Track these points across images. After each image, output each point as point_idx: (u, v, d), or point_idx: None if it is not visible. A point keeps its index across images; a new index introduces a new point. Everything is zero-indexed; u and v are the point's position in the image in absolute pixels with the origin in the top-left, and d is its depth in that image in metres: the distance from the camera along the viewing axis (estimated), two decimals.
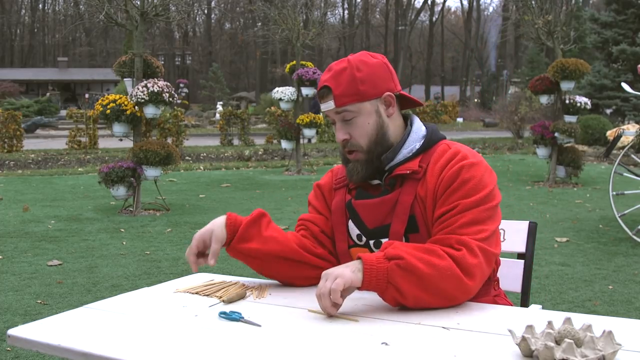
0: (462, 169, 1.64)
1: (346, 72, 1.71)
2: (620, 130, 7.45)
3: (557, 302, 4.10)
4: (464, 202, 1.60)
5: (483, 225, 1.59)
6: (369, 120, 1.72)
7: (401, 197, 1.70)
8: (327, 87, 1.72)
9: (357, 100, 1.70)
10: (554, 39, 10.40)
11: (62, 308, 3.88)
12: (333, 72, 1.72)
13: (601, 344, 1.21)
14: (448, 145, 1.73)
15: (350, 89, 1.70)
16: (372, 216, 1.74)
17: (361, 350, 1.28)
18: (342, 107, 1.71)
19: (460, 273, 1.52)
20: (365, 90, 1.71)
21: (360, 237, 1.77)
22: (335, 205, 1.84)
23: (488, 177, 1.65)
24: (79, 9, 49.11)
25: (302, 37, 12.10)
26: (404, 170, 1.71)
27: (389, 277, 1.50)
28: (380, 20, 62.09)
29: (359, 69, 1.71)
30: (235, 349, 1.31)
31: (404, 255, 1.51)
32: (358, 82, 1.70)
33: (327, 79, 1.72)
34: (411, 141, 1.75)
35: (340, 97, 1.70)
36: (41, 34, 63.44)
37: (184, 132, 18.25)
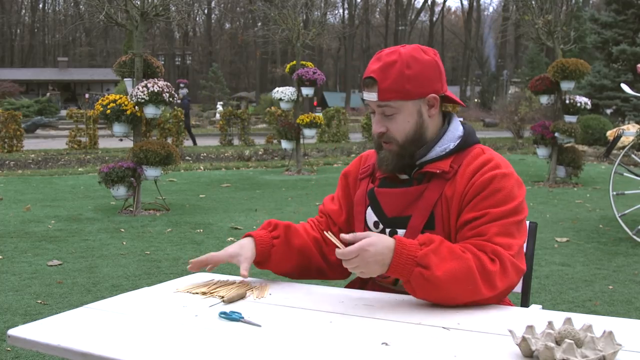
0: (494, 178, 1.64)
1: (395, 66, 1.67)
2: (620, 131, 7.45)
3: (557, 302, 4.10)
4: (493, 211, 1.61)
5: (512, 238, 1.61)
6: (409, 119, 1.70)
7: (426, 193, 1.70)
8: (372, 78, 1.69)
9: (401, 97, 1.68)
10: (554, 39, 10.40)
11: (62, 308, 3.88)
12: (382, 64, 1.68)
13: (601, 344, 1.21)
14: (482, 150, 1.72)
15: (397, 85, 1.67)
16: (392, 205, 1.74)
17: (361, 350, 1.28)
18: (385, 101, 1.69)
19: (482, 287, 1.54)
20: (411, 89, 1.68)
21: (377, 224, 1.78)
22: (358, 196, 1.86)
23: (517, 190, 1.66)
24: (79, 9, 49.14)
25: (302, 37, 12.10)
26: (435, 168, 1.70)
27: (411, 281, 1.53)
28: (380, 20, 62.10)
29: (409, 66, 1.67)
30: (235, 349, 1.31)
31: (431, 266, 1.50)
32: (405, 79, 1.66)
33: (375, 70, 1.68)
34: (446, 140, 1.74)
35: (384, 91, 1.67)
36: (41, 34, 63.45)
37: (184, 132, 18.24)
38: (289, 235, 1.83)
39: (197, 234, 6.32)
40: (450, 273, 1.50)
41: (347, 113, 23.73)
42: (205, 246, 5.77)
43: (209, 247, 5.71)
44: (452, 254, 1.53)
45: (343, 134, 21.06)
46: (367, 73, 1.70)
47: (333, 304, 1.61)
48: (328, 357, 1.26)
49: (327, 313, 1.53)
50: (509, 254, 1.57)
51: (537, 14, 10.51)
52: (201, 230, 6.49)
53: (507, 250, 1.57)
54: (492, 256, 1.55)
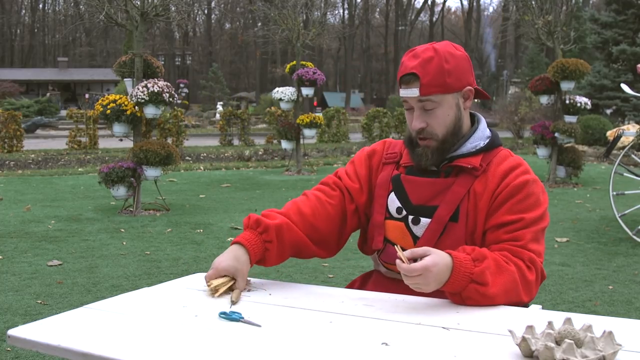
0: (527, 183, 1.70)
1: (434, 61, 1.70)
2: (620, 131, 7.44)
3: (557, 302, 4.10)
4: (527, 216, 1.67)
5: (540, 245, 1.69)
6: (449, 112, 1.74)
7: (455, 186, 1.73)
8: (414, 74, 1.71)
9: (442, 91, 1.71)
10: (554, 39, 10.40)
11: (62, 308, 3.88)
12: (421, 60, 1.71)
13: (601, 344, 1.21)
14: (509, 153, 1.79)
15: (438, 79, 1.70)
16: (419, 193, 1.77)
17: (361, 350, 1.28)
18: (427, 96, 1.71)
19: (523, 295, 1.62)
20: (451, 82, 1.72)
21: (400, 210, 1.79)
22: (381, 179, 1.86)
23: (543, 196, 1.73)
24: (79, 9, 49.15)
25: (302, 37, 12.09)
26: (466, 163, 1.74)
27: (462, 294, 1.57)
28: (380, 20, 62.09)
29: (447, 61, 1.71)
30: (235, 349, 1.31)
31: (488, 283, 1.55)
32: (445, 73, 1.71)
33: (415, 66, 1.71)
34: (477, 138, 1.79)
35: (426, 86, 1.70)
36: (41, 34, 63.45)
37: (184, 132, 18.24)
38: (281, 235, 1.77)
39: (197, 234, 6.32)
40: (502, 287, 1.57)
41: (347, 113, 23.72)
42: (205, 246, 5.77)
43: (208, 247, 5.72)
44: (499, 267, 1.59)
45: (343, 134, 21.06)
46: (406, 70, 1.72)
47: (333, 304, 1.61)
48: (328, 357, 1.26)
49: (327, 313, 1.53)
50: (540, 263, 1.66)
51: (537, 14, 10.51)
52: (201, 230, 6.49)
53: (539, 257, 1.66)
54: (529, 264, 1.63)
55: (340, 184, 1.90)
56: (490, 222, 1.70)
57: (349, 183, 1.89)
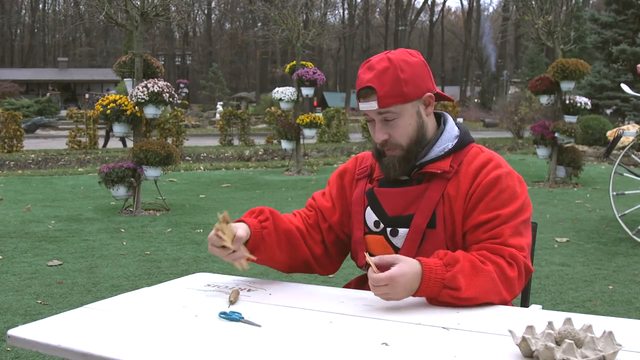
0: (499, 178, 1.68)
1: (389, 72, 1.68)
2: (620, 131, 7.44)
3: (557, 302, 4.10)
4: (503, 212, 1.65)
5: (522, 237, 1.66)
6: (410, 121, 1.72)
7: (428, 192, 1.72)
8: (370, 87, 1.69)
9: (400, 101, 1.69)
10: (554, 39, 10.40)
11: (62, 308, 3.88)
12: (376, 72, 1.69)
13: (601, 344, 1.21)
14: (480, 149, 1.76)
15: (394, 90, 1.68)
16: (393, 204, 1.76)
17: (361, 350, 1.28)
18: (385, 108, 1.69)
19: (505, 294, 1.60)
20: (408, 91, 1.70)
21: (377, 223, 1.78)
22: (356, 195, 1.85)
23: (520, 187, 1.71)
24: (79, 9, 49.14)
25: (302, 37, 12.09)
26: (435, 169, 1.73)
27: (438, 299, 1.55)
28: (380, 20, 62.11)
29: (402, 70, 1.69)
30: (235, 349, 1.31)
31: (461, 287, 1.53)
32: (402, 83, 1.69)
33: (371, 79, 1.69)
34: (444, 140, 1.77)
35: (384, 98, 1.68)
36: (41, 34, 63.46)
37: (184, 132, 18.24)
38: (275, 220, 1.81)
39: (197, 234, 6.32)
40: (478, 288, 1.55)
41: (347, 113, 23.72)
42: (205, 246, 5.75)
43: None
44: (475, 268, 1.56)
45: (343, 134, 21.06)
46: (363, 83, 1.70)
47: (333, 304, 1.61)
48: (328, 357, 1.26)
49: (327, 313, 1.53)
50: (523, 257, 1.63)
51: (537, 14, 10.51)
52: (201, 230, 6.49)
53: (521, 252, 1.63)
54: (510, 260, 1.60)
55: (315, 205, 1.94)
56: (468, 224, 1.68)
57: (322, 203, 1.92)
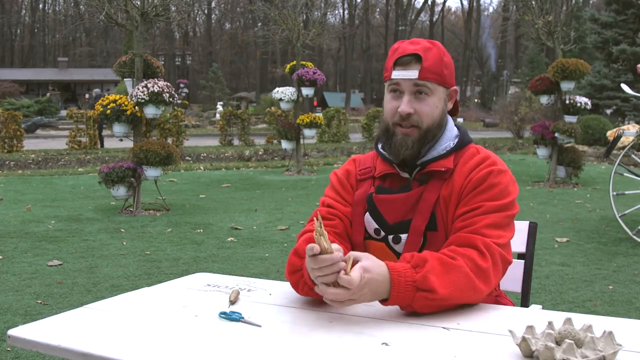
0: (490, 174, 1.66)
1: (433, 50, 1.70)
2: (620, 131, 7.45)
3: (558, 302, 4.10)
4: (488, 204, 1.62)
5: (502, 230, 1.61)
6: (438, 104, 1.71)
7: (425, 194, 1.69)
8: (417, 55, 1.68)
9: (438, 80, 1.70)
10: (554, 39, 10.40)
11: (62, 308, 3.88)
12: (422, 46, 1.70)
13: (601, 344, 1.21)
14: (477, 150, 1.74)
15: (437, 67, 1.69)
16: (393, 211, 1.72)
17: (361, 350, 1.28)
18: (424, 80, 1.68)
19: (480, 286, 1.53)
20: (447, 75, 1.71)
21: (378, 231, 1.74)
22: (358, 197, 1.80)
23: (512, 187, 1.68)
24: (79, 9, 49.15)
25: (302, 37, 12.09)
26: (440, 167, 1.70)
27: (413, 305, 1.48)
28: (380, 20, 62.10)
29: (445, 55, 1.72)
30: (235, 349, 1.31)
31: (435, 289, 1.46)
32: (444, 65, 1.70)
33: (418, 49, 1.69)
34: (446, 138, 1.75)
35: (426, 70, 1.67)
36: (41, 34, 63.45)
37: (184, 132, 18.24)
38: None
39: (197, 234, 6.32)
40: (453, 286, 1.49)
41: (347, 113, 23.73)
42: (205, 246, 5.77)
43: (208, 247, 5.72)
44: (445, 266, 1.50)
45: (343, 134, 21.06)
46: (408, 51, 1.68)
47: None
48: (328, 357, 1.26)
49: (327, 313, 1.53)
50: (497, 247, 1.57)
51: (537, 14, 10.51)
52: (201, 230, 6.49)
53: (497, 240, 1.58)
54: (482, 249, 1.55)
55: (336, 212, 1.80)
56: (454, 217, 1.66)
57: (343, 209, 1.81)
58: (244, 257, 5.37)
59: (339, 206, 1.81)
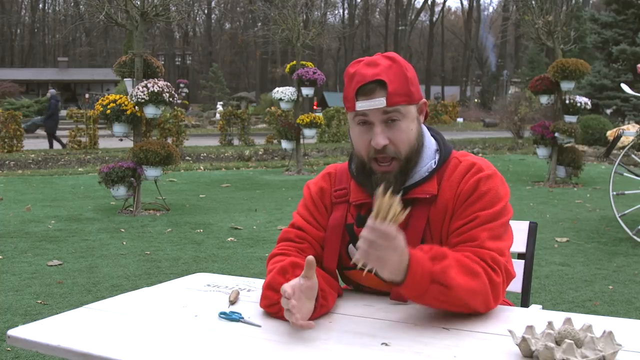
0: (479, 181, 1.55)
1: (394, 69, 1.54)
2: (620, 131, 7.45)
3: (557, 302, 4.10)
4: (483, 214, 1.52)
5: (501, 241, 1.53)
6: (412, 125, 1.57)
7: (413, 221, 1.56)
8: (379, 81, 1.51)
9: (407, 101, 1.54)
10: (554, 39, 10.40)
11: (62, 308, 3.88)
12: (382, 67, 1.53)
13: (601, 344, 1.21)
14: (458, 159, 1.62)
15: (403, 87, 1.53)
16: None
17: (361, 350, 1.28)
18: (394, 106, 1.52)
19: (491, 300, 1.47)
20: (414, 91, 1.56)
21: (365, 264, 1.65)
22: (333, 222, 1.66)
23: (503, 189, 1.58)
24: (79, 9, 49.14)
25: (302, 37, 12.10)
26: (423, 194, 1.57)
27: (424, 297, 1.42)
28: (380, 20, 62.10)
29: (407, 69, 1.56)
30: (235, 349, 1.31)
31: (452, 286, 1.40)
32: (409, 82, 1.55)
33: (379, 73, 1.52)
34: (426, 158, 1.61)
35: (393, 95, 1.51)
36: (41, 34, 63.45)
37: (184, 132, 18.25)
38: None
39: (197, 234, 6.32)
40: (469, 291, 1.42)
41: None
42: (205, 246, 5.77)
43: (208, 247, 5.72)
44: (465, 268, 1.43)
45: (343, 134, 21.07)
46: (368, 78, 1.52)
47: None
48: (328, 357, 1.26)
49: (327, 313, 1.53)
50: (504, 261, 1.51)
51: (537, 14, 10.51)
52: (201, 230, 6.49)
53: (501, 256, 1.51)
54: (493, 265, 1.48)
55: (306, 236, 1.68)
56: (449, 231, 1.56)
57: (315, 232, 1.68)
58: (244, 257, 5.37)
59: (310, 229, 1.69)
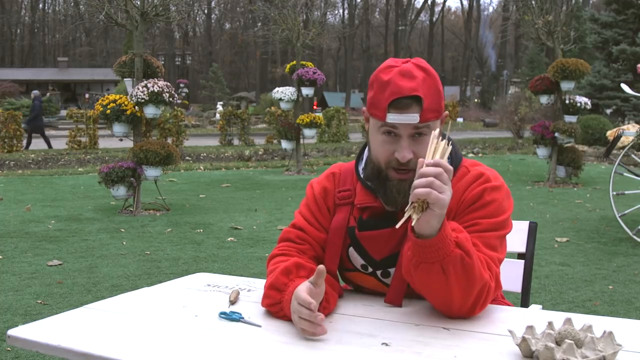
0: (485, 191, 1.55)
1: (429, 82, 1.50)
2: (620, 131, 7.45)
3: (557, 302, 4.10)
4: (483, 222, 1.52)
5: (495, 252, 1.52)
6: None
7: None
8: (416, 97, 1.47)
9: (437, 117, 1.52)
10: (554, 39, 10.40)
11: (62, 308, 3.88)
12: (419, 81, 1.48)
13: (601, 344, 1.21)
14: (467, 169, 1.61)
15: (436, 103, 1.51)
16: (379, 248, 1.61)
17: (361, 350, 1.28)
18: (426, 122, 1.49)
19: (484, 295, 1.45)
20: (442, 107, 1.54)
21: (365, 267, 1.65)
22: (336, 224, 1.66)
23: (507, 203, 1.57)
24: (79, 9, 49.12)
25: (302, 37, 12.10)
26: None
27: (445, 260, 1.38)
28: (380, 20, 62.10)
29: (439, 82, 1.52)
30: (235, 349, 1.31)
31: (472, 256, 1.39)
32: (440, 96, 1.52)
33: (416, 88, 1.47)
34: None
35: (427, 111, 1.48)
36: (41, 34, 63.45)
37: (184, 132, 18.25)
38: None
39: (197, 234, 6.32)
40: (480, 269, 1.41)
41: (347, 113, 23.74)
42: (205, 246, 5.77)
43: (208, 247, 5.72)
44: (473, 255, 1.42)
45: (343, 134, 21.07)
46: (406, 92, 1.47)
47: None
48: (328, 357, 1.26)
49: (328, 314, 1.53)
50: (496, 270, 1.50)
51: (537, 14, 10.51)
52: (201, 230, 6.49)
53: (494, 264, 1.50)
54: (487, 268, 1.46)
55: (307, 237, 1.68)
56: None
57: (316, 234, 1.67)
58: (244, 257, 5.37)
59: (311, 230, 1.68)
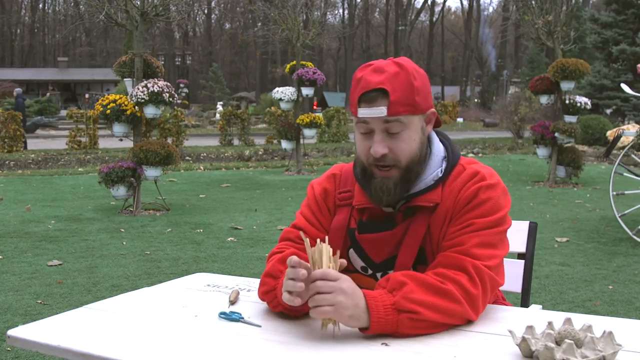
0: (479, 190, 1.52)
1: (401, 76, 1.50)
2: (620, 131, 7.45)
3: (557, 302, 4.10)
4: (479, 221, 1.50)
5: (494, 249, 1.50)
6: (414, 136, 1.54)
7: (413, 227, 1.55)
8: (382, 90, 1.49)
9: (410, 111, 1.51)
10: (554, 39, 10.40)
11: (62, 308, 3.88)
12: (388, 75, 1.50)
13: (601, 344, 1.21)
14: (463, 167, 1.59)
15: (407, 97, 1.50)
16: (378, 251, 1.60)
17: (361, 350, 1.28)
18: (395, 116, 1.49)
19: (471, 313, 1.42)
20: (420, 101, 1.53)
21: (365, 269, 1.64)
22: (336, 224, 1.66)
23: (504, 200, 1.55)
24: (79, 9, 49.13)
25: (302, 37, 12.10)
26: (427, 202, 1.55)
27: (398, 329, 1.36)
28: (380, 20, 62.11)
29: (415, 77, 1.52)
30: (235, 349, 1.31)
31: (419, 310, 1.36)
32: (415, 91, 1.51)
33: (382, 81, 1.49)
34: (434, 165, 1.59)
35: (395, 104, 1.48)
36: (41, 34, 63.47)
37: (184, 132, 18.25)
38: None
39: (197, 234, 6.32)
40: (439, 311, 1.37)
41: (347, 113, 23.74)
42: (205, 246, 5.77)
43: (208, 247, 5.72)
44: (431, 289, 1.39)
45: (343, 134, 21.08)
46: (371, 85, 1.49)
47: None
48: (328, 358, 1.26)
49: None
50: (488, 270, 1.46)
51: (537, 14, 10.51)
52: (201, 230, 6.49)
53: (487, 261, 1.47)
54: (472, 274, 1.43)
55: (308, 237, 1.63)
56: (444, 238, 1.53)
57: (316, 234, 1.66)
58: (244, 257, 5.37)
59: (312, 230, 1.67)
